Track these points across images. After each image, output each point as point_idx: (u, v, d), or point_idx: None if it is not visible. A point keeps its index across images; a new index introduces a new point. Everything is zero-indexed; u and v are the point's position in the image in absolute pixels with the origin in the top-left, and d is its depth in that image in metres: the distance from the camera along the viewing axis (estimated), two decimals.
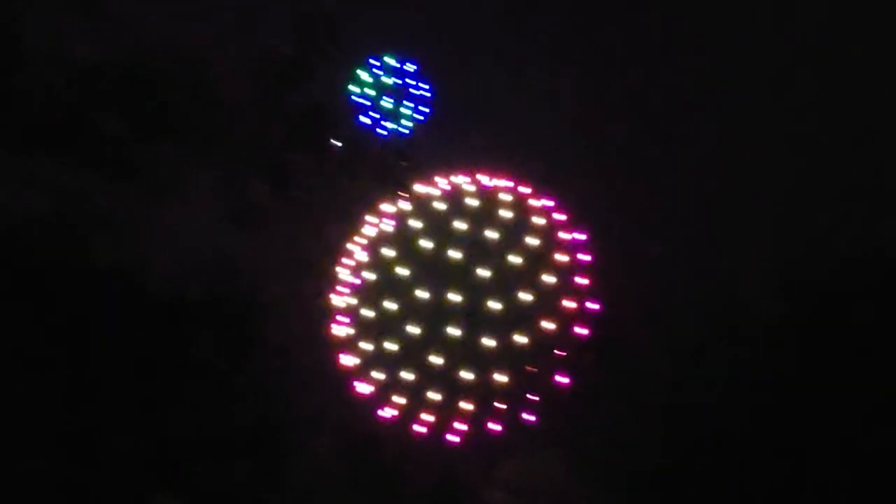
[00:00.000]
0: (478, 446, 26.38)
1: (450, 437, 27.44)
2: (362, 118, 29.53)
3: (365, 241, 30.21)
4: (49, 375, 15.33)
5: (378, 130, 29.65)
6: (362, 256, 30.03)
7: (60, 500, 14.41)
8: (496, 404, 27.58)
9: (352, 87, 29.80)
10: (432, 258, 29.30)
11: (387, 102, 29.90)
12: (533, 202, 30.00)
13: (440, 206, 30.00)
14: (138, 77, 19.11)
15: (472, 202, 30.02)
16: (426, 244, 29.53)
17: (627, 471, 18.85)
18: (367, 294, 29.61)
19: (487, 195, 30.16)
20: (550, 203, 29.82)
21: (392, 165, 24.36)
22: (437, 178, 30.10)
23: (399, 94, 30.03)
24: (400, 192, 26.86)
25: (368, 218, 30.23)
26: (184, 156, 20.66)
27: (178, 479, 16.08)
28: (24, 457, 14.44)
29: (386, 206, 30.11)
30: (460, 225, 29.67)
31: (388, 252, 29.88)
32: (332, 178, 23.50)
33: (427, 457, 25.41)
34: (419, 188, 29.68)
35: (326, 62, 23.14)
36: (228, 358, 17.87)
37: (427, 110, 30.04)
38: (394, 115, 29.88)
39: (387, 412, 28.03)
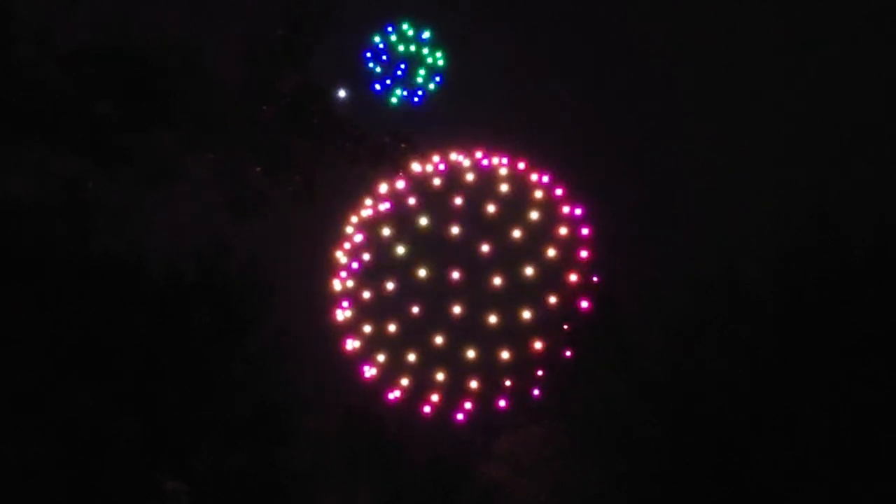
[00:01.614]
0: (482, 423, 26.37)
1: (456, 416, 27.41)
2: (376, 85, 29.51)
3: (362, 223, 30.11)
4: (47, 362, 15.32)
5: (391, 98, 29.59)
6: (360, 238, 29.95)
7: (62, 485, 14.42)
8: (502, 381, 27.49)
9: (366, 54, 29.76)
10: (431, 236, 29.19)
11: (400, 70, 29.82)
12: (531, 177, 29.85)
13: (438, 183, 29.84)
14: (130, 61, 18.99)
15: (470, 178, 29.85)
16: (424, 222, 29.40)
17: (626, 446, 18.81)
18: (367, 276, 29.55)
19: (485, 171, 29.99)
20: (547, 178, 29.68)
21: (389, 146, 24.18)
22: (434, 157, 29.94)
23: (413, 61, 29.89)
24: (397, 173, 26.73)
25: (365, 199, 30.15)
26: (178, 141, 20.57)
27: (180, 462, 16.10)
28: (23, 443, 14.45)
29: (382, 186, 30.00)
30: (459, 201, 29.52)
31: (386, 232, 29.78)
32: (330, 161, 23.39)
33: (429, 434, 25.40)
34: (416, 167, 29.51)
35: (321, 43, 23.00)
36: (228, 341, 17.86)
37: (440, 79, 29.94)
38: (407, 83, 29.79)
39: (392, 394, 28.03)
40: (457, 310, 28.30)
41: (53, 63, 18.19)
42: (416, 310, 28.64)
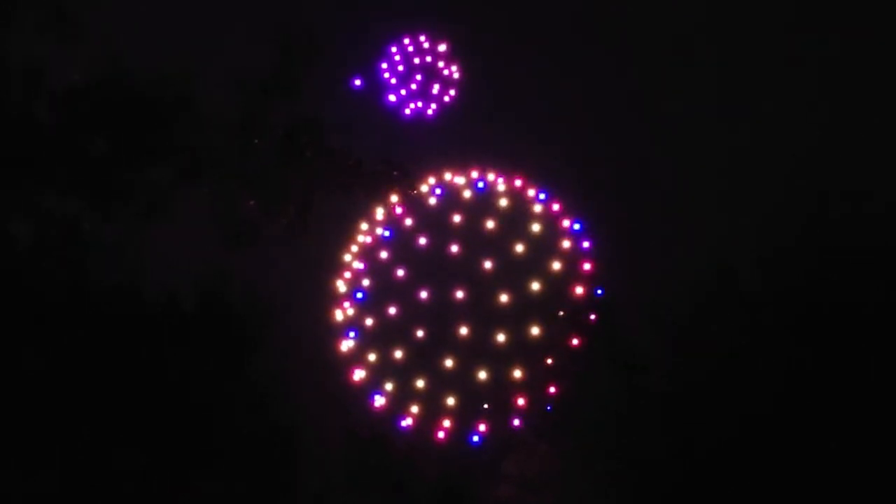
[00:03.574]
0: (494, 443, 26.07)
1: (472, 438, 27.03)
2: (390, 97, 29.68)
3: (361, 250, 29.93)
4: (48, 395, 15.35)
5: (405, 110, 29.69)
6: (360, 266, 29.76)
7: None
8: (516, 400, 27.11)
9: (381, 65, 29.93)
10: (431, 258, 29.01)
11: (415, 83, 29.97)
12: (528, 192, 29.75)
13: (435, 205, 29.71)
14: (122, 98, 19.16)
15: (467, 195, 29.73)
16: (423, 244, 29.24)
17: (630, 455, 18.60)
18: (369, 303, 29.31)
19: (482, 189, 29.85)
20: (544, 194, 29.60)
21: (383, 174, 24.26)
22: (429, 178, 29.83)
23: (428, 74, 30.05)
24: (393, 197, 26.77)
25: (362, 225, 29.99)
26: (171, 175, 20.69)
27: (182, 492, 16.01)
28: (25, 474, 14.44)
29: (379, 211, 29.90)
30: (457, 219, 29.37)
31: (385, 257, 29.58)
32: (324, 191, 23.48)
33: (436, 453, 25.10)
34: (412, 189, 29.46)
35: (310, 75, 23.19)
36: (230, 370, 17.83)
37: (454, 93, 30.05)
38: (421, 96, 29.92)
39: (405, 422, 27.70)
40: (463, 331, 27.99)
41: (45, 102, 18.40)
42: (420, 333, 28.33)
